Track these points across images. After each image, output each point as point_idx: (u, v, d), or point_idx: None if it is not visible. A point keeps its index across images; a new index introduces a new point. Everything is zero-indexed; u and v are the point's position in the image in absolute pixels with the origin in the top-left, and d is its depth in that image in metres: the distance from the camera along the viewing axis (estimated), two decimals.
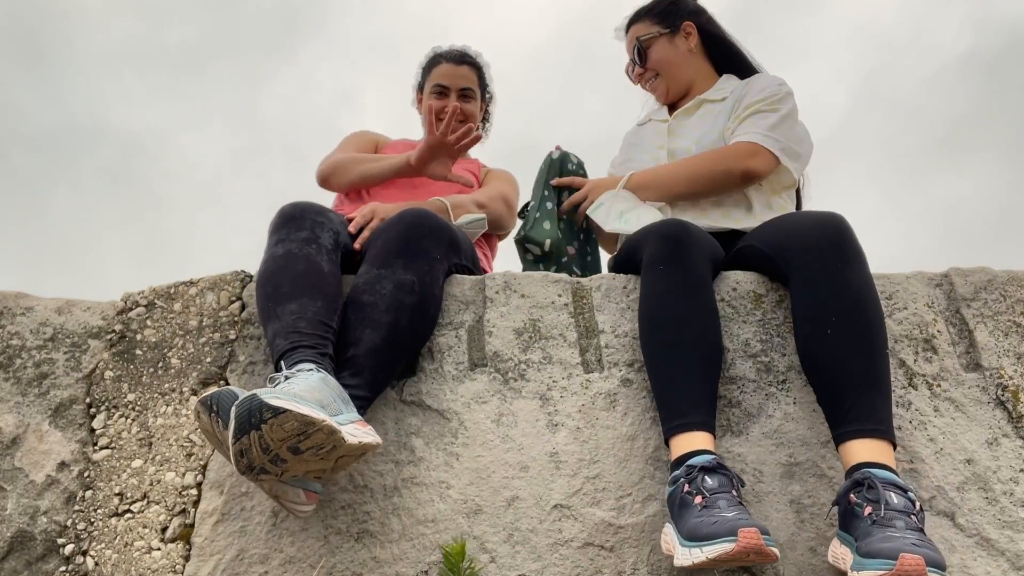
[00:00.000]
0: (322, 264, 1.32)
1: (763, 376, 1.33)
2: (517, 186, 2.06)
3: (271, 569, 1.20)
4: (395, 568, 1.20)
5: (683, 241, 1.31)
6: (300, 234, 1.35)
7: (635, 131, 2.01)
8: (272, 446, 0.97)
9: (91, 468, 1.29)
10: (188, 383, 1.35)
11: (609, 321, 1.39)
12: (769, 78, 1.80)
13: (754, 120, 1.69)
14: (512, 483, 1.25)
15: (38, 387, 1.35)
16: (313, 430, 0.98)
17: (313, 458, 1.04)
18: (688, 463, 1.11)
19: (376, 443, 1.12)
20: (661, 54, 1.89)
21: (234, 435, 0.95)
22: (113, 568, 1.21)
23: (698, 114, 1.84)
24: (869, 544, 0.95)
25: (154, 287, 1.45)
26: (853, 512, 1.03)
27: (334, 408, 1.07)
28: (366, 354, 1.24)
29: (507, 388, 1.33)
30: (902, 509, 0.99)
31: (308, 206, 1.42)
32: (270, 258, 1.32)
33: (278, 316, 1.23)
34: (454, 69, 2.06)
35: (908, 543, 0.91)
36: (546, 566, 1.19)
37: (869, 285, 1.23)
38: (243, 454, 0.98)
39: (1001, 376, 1.35)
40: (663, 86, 1.92)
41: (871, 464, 1.07)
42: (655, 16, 1.92)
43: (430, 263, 1.36)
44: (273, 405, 0.94)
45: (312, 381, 1.07)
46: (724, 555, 0.97)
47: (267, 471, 1.02)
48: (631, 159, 1.90)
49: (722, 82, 1.88)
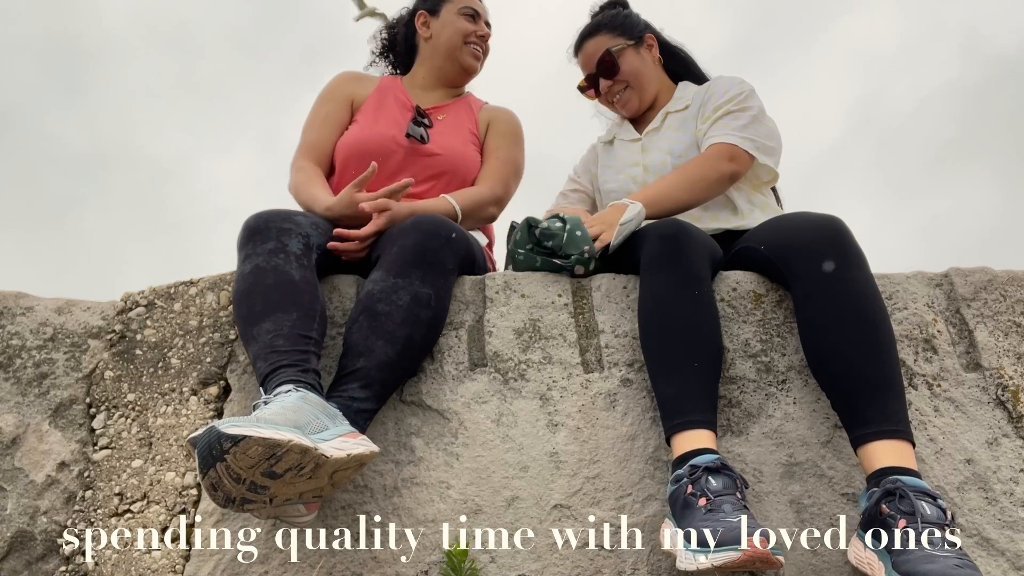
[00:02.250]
0: (292, 273, 1.28)
1: (763, 376, 1.33)
2: (522, 132, 1.96)
3: (271, 569, 1.20)
4: (395, 568, 1.20)
5: (681, 240, 1.31)
6: (266, 246, 1.30)
7: (604, 149, 1.99)
8: (243, 475, 0.95)
9: (91, 468, 1.29)
10: (188, 383, 1.35)
11: (609, 321, 1.39)
12: (729, 79, 1.81)
13: (726, 121, 1.71)
14: (512, 483, 1.25)
15: (38, 387, 1.35)
16: (282, 452, 0.94)
17: (298, 479, 1.01)
18: (692, 462, 1.11)
19: (370, 452, 1.09)
20: (632, 65, 1.87)
21: (200, 471, 0.93)
22: (113, 568, 1.21)
23: (665, 126, 1.85)
24: (910, 563, 0.94)
25: (154, 287, 1.45)
26: (885, 523, 1.02)
27: (316, 425, 1.03)
28: (378, 367, 1.22)
29: (507, 388, 1.33)
30: (936, 521, 0.99)
31: (271, 215, 1.37)
32: (239, 277, 1.29)
33: (255, 337, 1.20)
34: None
35: (951, 564, 0.91)
36: (546, 566, 1.19)
37: (872, 286, 1.23)
38: (215, 488, 0.95)
39: (1001, 376, 1.35)
40: (635, 98, 1.89)
41: (896, 469, 1.06)
42: (615, 29, 1.90)
43: (445, 276, 1.34)
44: (230, 434, 0.91)
45: (288, 402, 1.04)
46: (730, 563, 0.96)
47: (250, 500, 0.99)
48: (608, 181, 1.90)
49: (680, 90, 1.90)
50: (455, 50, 1.91)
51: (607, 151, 1.98)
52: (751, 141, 1.68)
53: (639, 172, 1.82)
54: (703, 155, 1.68)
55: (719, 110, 1.73)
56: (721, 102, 1.74)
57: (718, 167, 1.65)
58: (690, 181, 1.64)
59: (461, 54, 1.92)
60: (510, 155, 1.86)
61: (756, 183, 1.77)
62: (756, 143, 1.69)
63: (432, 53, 1.94)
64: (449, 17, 1.92)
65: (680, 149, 1.77)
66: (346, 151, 1.77)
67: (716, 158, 1.66)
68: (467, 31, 1.91)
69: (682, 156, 1.76)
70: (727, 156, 1.66)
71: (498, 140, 1.89)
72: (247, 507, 1.01)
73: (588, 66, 1.93)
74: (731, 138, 1.68)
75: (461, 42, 1.91)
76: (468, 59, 1.93)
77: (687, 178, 1.65)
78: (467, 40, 1.91)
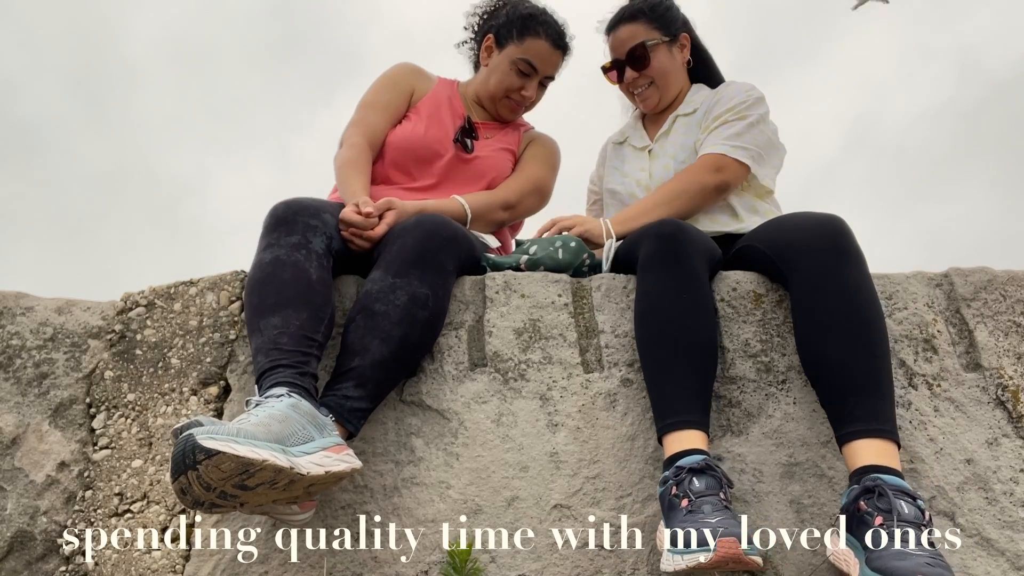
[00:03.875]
0: (310, 272, 1.27)
1: (763, 376, 1.33)
2: (557, 158, 1.95)
3: (271, 569, 1.20)
4: (395, 568, 1.20)
5: (679, 239, 1.31)
6: (291, 239, 1.30)
7: (616, 152, 1.98)
8: (213, 484, 0.94)
9: (91, 468, 1.29)
10: (188, 383, 1.35)
11: (609, 321, 1.39)
12: (738, 86, 1.79)
13: (720, 131, 1.70)
14: (512, 483, 1.25)
15: (38, 387, 1.35)
16: (255, 469, 0.94)
17: (270, 491, 1.01)
18: (677, 464, 1.11)
19: (351, 469, 1.08)
20: (662, 63, 1.83)
21: (172, 475, 0.93)
22: (113, 568, 1.21)
23: (673, 130, 1.84)
24: (882, 560, 0.94)
25: (154, 287, 1.45)
26: (863, 520, 1.02)
27: (301, 436, 1.03)
28: (372, 366, 1.22)
29: (507, 388, 1.33)
30: (912, 520, 0.99)
31: (302, 207, 1.36)
32: (257, 265, 1.28)
33: (261, 330, 1.20)
34: (549, 52, 1.84)
35: (922, 563, 0.91)
36: (546, 566, 1.19)
37: (869, 286, 1.23)
38: (184, 492, 0.95)
39: (1001, 376, 1.35)
40: (655, 96, 1.85)
41: (878, 468, 1.06)
42: (654, 19, 1.83)
43: (444, 276, 1.34)
44: (206, 447, 0.90)
45: (276, 411, 1.03)
46: (701, 564, 0.96)
47: (217, 505, 0.99)
48: (613, 183, 1.90)
49: (691, 94, 1.88)
50: (495, 99, 1.88)
51: (616, 151, 1.98)
52: (745, 150, 1.66)
53: (644, 177, 1.82)
54: (687, 168, 1.68)
55: (718, 119, 1.72)
56: (722, 110, 1.73)
57: (700, 179, 1.64)
58: (668, 197, 1.64)
59: (499, 105, 1.89)
60: (534, 172, 1.87)
61: (760, 191, 1.74)
62: (751, 152, 1.67)
63: (482, 84, 1.90)
64: (504, 64, 1.84)
65: (684, 155, 1.76)
66: (396, 147, 1.79)
67: (700, 170, 1.65)
68: (512, 87, 1.85)
69: (685, 162, 1.75)
70: (712, 167, 1.65)
71: (528, 158, 1.91)
72: (215, 510, 1.02)
73: (618, 51, 1.86)
74: (720, 147, 1.66)
75: (502, 95, 1.86)
76: (504, 112, 1.90)
77: (667, 194, 1.65)
78: (509, 95, 1.86)
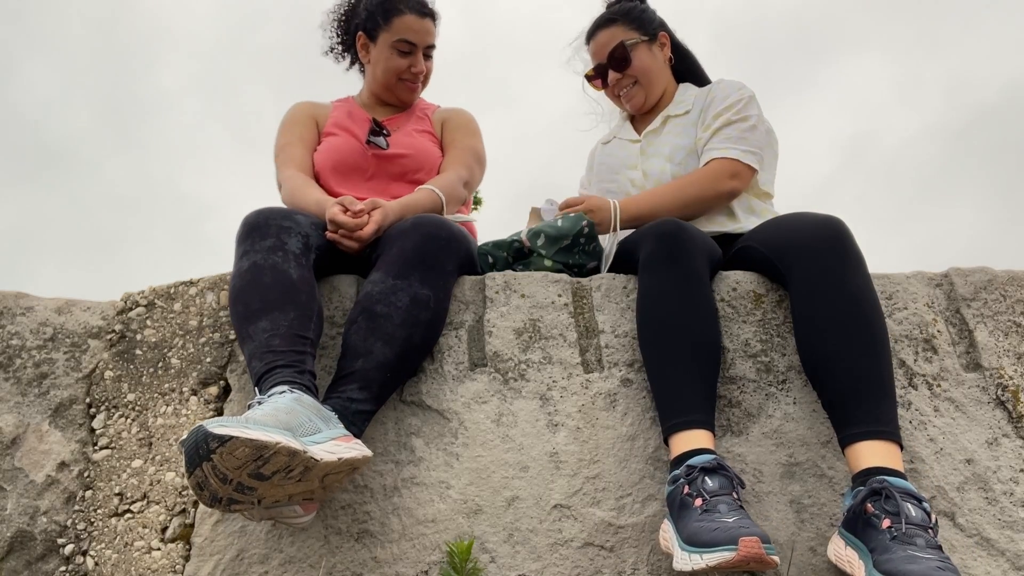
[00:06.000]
0: (290, 272, 1.27)
1: (763, 376, 1.33)
2: (477, 124, 1.96)
3: (271, 569, 1.20)
4: (395, 568, 1.20)
5: (680, 239, 1.31)
6: (265, 243, 1.30)
7: (602, 150, 1.98)
8: (230, 475, 0.94)
9: (91, 468, 1.29)
10: (188, 383, 1.35)
11: (609, 321, 1.39)
12: (729, 84, 1.81)
13: (727, 132, 1.70)
14: (512, 483, 1.25)
15: (38, 387, 1.35)
16: (269, 454, 0.93)
17: (287, 482, 1.00)
18: (688, 463, 1.11)
19: (363, 457, 1.08)
20: (644, 61, 1.85)
21: (187, 469, 0.93)
22: (113, 568, 1.21)
23: (666, 130, 1.84)
24: (892, 563, 0.94)
25: (154, 287, 1.45)
26: (869, 522, 1.02)
27: (309, 427, 1.03)
28: (376, 368, 1.22)
29: (507, 388, 1.33)
30: (920, 523, 0.99)
31: (272, 212, 1.36)
32: (236, 274, 1.28)
33: (251, 336, 1.20)
34: (419, 23, 1.83)
35: (933, 566, 0.91)
36: (546, 566, 1.19)
37: (869, 287, 1.23)
38: (202, 487, 0.95)
39: (1001, 376, 1.35)
40: (640, 95, 1.87)
41: (882, 469, 1.06)
42: (631, 22, 1.87)
43: (444, 277, 1.34)
44: (217, 434, 0.90)
45: (281, 403, 1.03)
46: (724, 563, 0.96)
47: (237, 500, 0.99)
48: (605, 181, 1.90)
49: (680, 93, 1.89)
50: (390, 87, 1.88)
51: (604, 150, 1.98)
52: (753, 155, 1.68)
53: (638, 176, 1.81)
54: (703, 172, 1.67)
55: (719, 118, 1.72)
56: (721, 109, 1.74)
57: (717, 186, 1.65)
58: (685, 200, 1.64)
59: (396, 90, 1.89)
60: (468, 143, 1.88)
61: (757, 191, 1.76)
62: (757, 155, 1.69)
63: (372, 80, 1.91)
64: (383, 52, 1.85)
65: (680, 157, 1.76)
66: (324, 161, 1.79)
67: (717, 177, 1.65)
68: (400, 69, 1.85)
69: (681, 164, 1.75)
70: (728, 174, 1.65)
71: (454, 134, 1.91)
72: (234, 507, 1.01)
73: (599, 56, 1.89)
74: (733, 152, 1.67)
75: (395, 80, 1.86)
76: (404, 94, 1.91)
77: (683, 196, 1.64)
78: (401, 77, 1.86)
